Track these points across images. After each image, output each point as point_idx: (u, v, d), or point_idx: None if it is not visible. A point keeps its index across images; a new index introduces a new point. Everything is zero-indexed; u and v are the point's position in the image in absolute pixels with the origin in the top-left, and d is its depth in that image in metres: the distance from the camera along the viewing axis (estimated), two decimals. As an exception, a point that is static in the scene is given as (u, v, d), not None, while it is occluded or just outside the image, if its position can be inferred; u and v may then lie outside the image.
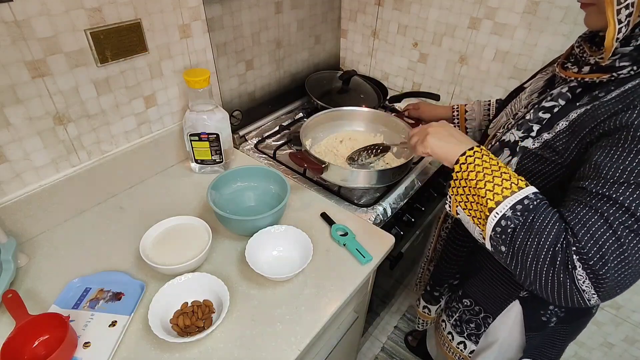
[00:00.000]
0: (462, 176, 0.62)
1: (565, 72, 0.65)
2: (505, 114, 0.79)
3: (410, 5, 1.31)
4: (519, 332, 0.83)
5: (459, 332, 0.93)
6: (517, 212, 0.55)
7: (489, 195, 0.58)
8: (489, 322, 0.85)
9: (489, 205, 0.57)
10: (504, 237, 0.56)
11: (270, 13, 1.16)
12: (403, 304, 1.85)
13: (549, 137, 0.62)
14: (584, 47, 0.63)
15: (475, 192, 0.60)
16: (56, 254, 0.82)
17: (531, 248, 0.54)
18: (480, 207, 0.59)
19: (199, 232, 0.82)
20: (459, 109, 1.06)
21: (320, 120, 1.11)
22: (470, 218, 0.62)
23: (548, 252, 0.52)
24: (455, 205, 0.65)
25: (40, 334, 0.65)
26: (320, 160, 0.92)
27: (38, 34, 0.71)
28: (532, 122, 0.65)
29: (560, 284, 0.52)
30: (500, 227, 0.56)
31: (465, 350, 0.94)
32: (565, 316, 0.78)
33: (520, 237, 0.54)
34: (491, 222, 0.57)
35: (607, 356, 1.46)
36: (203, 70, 0.94)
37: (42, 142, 0.80)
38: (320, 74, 1.42)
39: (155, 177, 1.03)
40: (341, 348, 1.05)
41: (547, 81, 0.73)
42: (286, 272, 0.76)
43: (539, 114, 0.65)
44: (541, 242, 0.53)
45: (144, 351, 0.66)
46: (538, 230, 0.53)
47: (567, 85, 0.63)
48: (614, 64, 0.56)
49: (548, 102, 0.64)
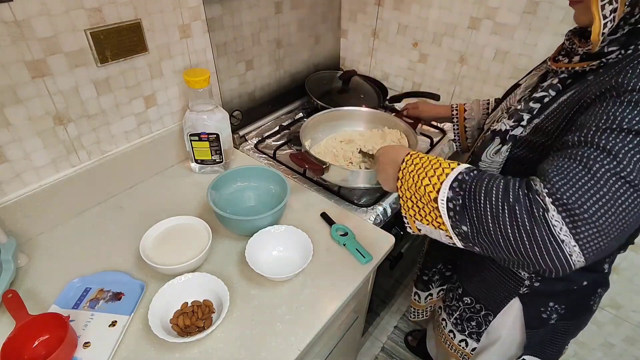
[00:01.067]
0: (405, 187, 0.63)
1: (556, 64, 0.66)
2: (501, 109, 0.80)
3: (410, 5, 1.31)
4: (520, 329, 0.83)
5: (460, 330, 0.94)
6: (456, 188, 0.54)
7: (428, 189, 0.58)
8: (490, 320, 0.85)
9: (432, 196, 0.57)
10: (458, 216, 0.54)
11: (270, 13, 1.16)
12: (403, 304, 1.85)
13: (538, 121, 0.64)
14: (573, 40, 0.64)
15: (419, 195, 0.60)
16: (56, 254, 0.82)
17: (486, 212, 0.51)
18: (429, 206, 0.59)
19: (199, 232, 0.82)
20: (458, 109, 1.06)
21: (319, 120, 1.11)
22: (430, 226, 0.61)
23: (504, 208, 0.49)
24: (413, 222, 0.64)
25: (40, 334, 0.65)
26: (321, 160, 0.92)
27: (38, 34, 0.71)
28: (523, 112, 0.66)
29: (534, 236, 0.48)
30: (452, 211, 0.55)
31: (467, 348, 0.94)
32: (566, 313, 0.78)
33: (472, 208, 0.52)
34: (444, 214, 0.56)
35: (607, 356, 1.46)
36: (203, 70, 0.95)
37: (42, 142, 0.80)
38: (320, 74, 1.42)
39: (155, 177, 1.03)
40: (341, 348, 1.05)
41: (540, 77, 0.74)
42: (286, 272, 0.76)
43: (529, 104, 0.66)
44: (491, 201, 0.50)
45: (144, 351, 0.66)
46: (484, 193, 0.51)
47: (557, 77, 0.65)
48: (602, 50, 0.57)
49: (539, 93, 0.66)
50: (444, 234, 0.60)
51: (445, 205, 0.55)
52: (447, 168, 0.58)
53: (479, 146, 0.74)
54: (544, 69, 0.75)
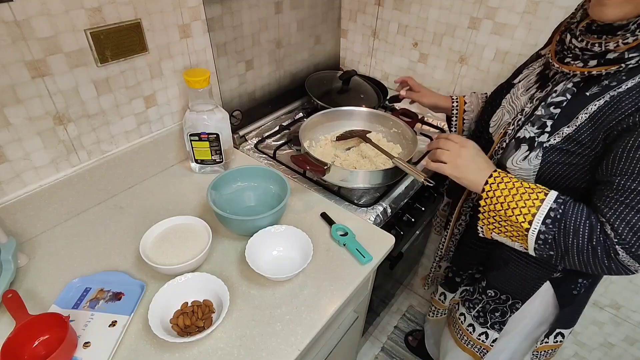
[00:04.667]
0: (490, 208, 0.69)
1: (568, 66, 0.66)
2: (507, 112, 0.79)
3: (410, 5, 1.31)
4: (546, 309, 0.86)
5: (482, 322, 0.94)
6: (549, 225, 0.63)
7: (520, 219, 0.65)
8: (518, 307, 0.87)
9: (524, 227, 0.65)
10: (548, 246, 0.64)
11: (270, 13, 1.16)
12: (403, 304, 1.85)
13: (570, 131, 0.65)
14: (587, 40, 0.63)
15: (507, 219, 0.67)
16: (56, 254, 0.82)
17: (573, 247, 0.62)
18: (515, 229, 0.67)
19: (199, 232, 0.82)
20: (458, 101, 1.03)
21: (319, 120, 1.11)
22: (508, 239, 0.70)
23: (588, 248, 0.61)
24: (489, 231, 0.72)
25: (40, 334, 0.65)
26: (322, 162, 0.92)
27: (38, 34, 0.71)
28: (545, 118, 0.68)
29: (608, 267, 0.62)
30: (541, 240, 0.64)
31: (487, 340, 0.95)
32: (590, 285, 0.83)
33: (561, 242, 0.63)
34: (531, 239, 0.65)
35: (607, 356, 1.46)
36: (203, 70, 0.95)
37: (42, 142, 0.80)
38: (320, 74, 1.42)
39: (155, 177, 1.03)
40: (341, 348, 1.05)
41: (539, 75, 0.74)
42: (286, 272, 0.76)
43: (550, 110, 0.67)
44: (579, 241, 0.61)
45: (144, 351, 0.66)
46: (573, 233, 0.62)
47: (571, 80, 0.65)
48: (622, 55, 0.59)
49: (555, 97, 0.67)
50: (519, 246, 0.70)
51: (536, 236, 0.64)
52: (537, 200, 0.64)
53: (501, 155, 0.75)
54: (538, 66, 0.74)
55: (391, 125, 1.13)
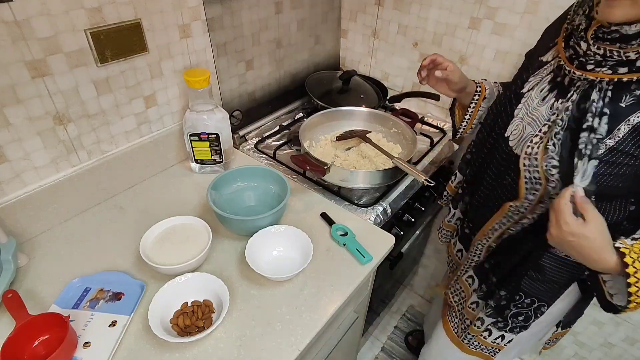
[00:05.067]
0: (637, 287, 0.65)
1: (594, 73, 0.64)
2: (528, 124, 0.74)
3: (410, 5, 1.31)
4: (567, 307, 0.88)
5: (501, 327, 0.91)
6: None
7: None
8: (543, 312, 0.86)
9: None
10: None
11: (270, 13, 1.16)
12: (403, 304, 1.85)
13: (613, 144, 0.63)
14: (605, 47, 0.62)
15: None
16: (56, 254, 0.82)
17: None
18: None
19: (199, 232, 0.82)
20: (480, 88, 0.95)
21: (319, 120, 1.11)
22: None
23: None
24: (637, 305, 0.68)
25: (40, 333, 0.65)
26: (322, 162, 0.92)
27: (38, 34, 0.71)
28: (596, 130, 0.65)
29: None
30: None
31: (502, 342, 0.94)
32: None
33: None
34: None
35: (607, 356, 1.46)
36: (203, 70, 0.95)
37: (42, 142, 0.80)
38: (320, 74, 1.42)
39: (155, 177, 1.03)
40: (341, 348, 1.05)
41: (551, 82, 0.72)
42: (286, 272, 0.76)
43: (598, 120, 0.65)
44: None
45: (144, 351, 0.66)
46: None
47: (598, 92, 0.64)
48: None
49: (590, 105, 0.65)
50: None
51: None
52: None
53: (564, 173, 0.70)
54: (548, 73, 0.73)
55: (391, 125, 1.13)
